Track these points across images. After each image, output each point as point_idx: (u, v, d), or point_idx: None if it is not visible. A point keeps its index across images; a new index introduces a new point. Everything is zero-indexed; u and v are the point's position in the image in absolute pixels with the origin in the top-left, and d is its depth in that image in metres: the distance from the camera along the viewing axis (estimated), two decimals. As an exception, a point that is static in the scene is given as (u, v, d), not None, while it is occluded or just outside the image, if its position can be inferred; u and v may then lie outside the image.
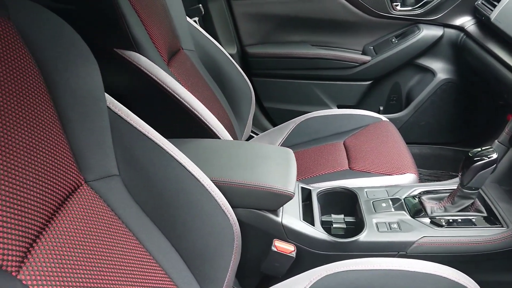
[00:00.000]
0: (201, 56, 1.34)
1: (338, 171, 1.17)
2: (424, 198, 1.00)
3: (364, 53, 1.80)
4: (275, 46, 1.81)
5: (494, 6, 1.41)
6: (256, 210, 0.88)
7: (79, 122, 0.61)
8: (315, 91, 1.84)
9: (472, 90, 1.71)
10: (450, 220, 0.93)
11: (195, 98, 1.04)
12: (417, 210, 0.97)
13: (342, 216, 1.00)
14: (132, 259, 0.60)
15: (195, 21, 1.59)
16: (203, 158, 0.90)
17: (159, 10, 1.15)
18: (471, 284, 0.72)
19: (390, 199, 1.00)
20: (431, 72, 1.73)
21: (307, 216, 0.95)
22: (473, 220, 0.94)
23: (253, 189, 0.85)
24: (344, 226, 0.98)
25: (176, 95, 1.01)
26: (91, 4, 0.96)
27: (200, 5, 1.69)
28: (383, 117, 1.43)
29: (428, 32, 1.68)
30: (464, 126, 1.77)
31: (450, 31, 1.68)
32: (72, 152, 0.59)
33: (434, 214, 0.95)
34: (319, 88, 1.83)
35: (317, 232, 0.91)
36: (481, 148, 0.89)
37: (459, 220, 0.93)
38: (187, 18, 1.35)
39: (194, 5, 1.69)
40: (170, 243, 0.69)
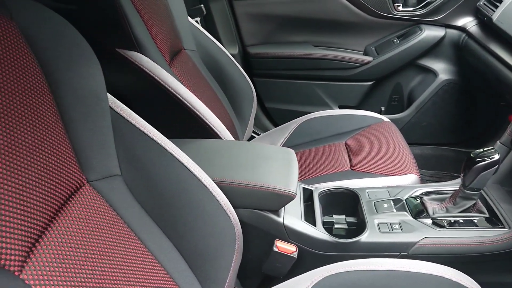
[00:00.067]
0: (202, 56, 1.34)
1: (339, 172, 1.17)
2: (425, 199, 1.00)
3: (366, 53, 1.80)
4: (277, 47, 1.81)
5: (496, 6, 1.41)
6: (257, 211, 0.88)
7: (81, 122, 0.61)
8: (317, 91, 1.83)
9: (474, 91, 1.70)
10: (452, 221, 0.93)
11: (196, 98, 1.04)
12: (418, 211, 0.97)
13: (344, 216, 1.00)
14: (134, 259, 0.60)
15: (197, 21, 1.59)
16: (205, 158, 0.90)
17: (161, 10, 1.15)
18: (473, 285, 0.72)
19: (392, 199, 1.00)
20: (432, 72, 1.73)
21: (308, 217, 0.95)
22: (475, 221, 0.93)
23: (254, 189, 0.85)
24: (346, 227, 0.97)
25: (178, 95, 1.01)
26: (93, 4, 0.96)
27: (202, 5, 1.69)
28: (384, 117, 1.43)
29: (430, 33, 1.68)
30: (465, 127, 1.77)
31: (452, 31, 1.67)
32: (74, 152, 0.59)
33: (436, 215, 0.95)
34: (320, 89, 1.83)
35: (318, 232, 0.91)
36: (483, 149, 0.89)
37: (461, 221, 0.93)
38: (189, 18, 1.35)
39: (196, 5, 1.69)
40: (171, 243, 0.69)
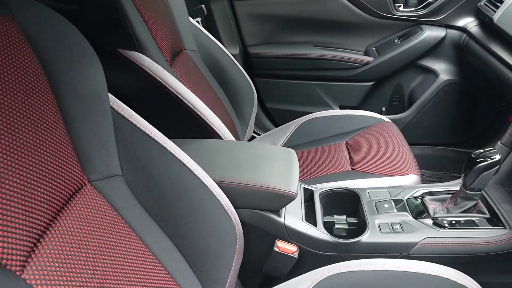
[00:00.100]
0: (203, 56, 1.34)
1: (340, 172, 1.17)
2: (426, 199, 1.00)
3: (367, 54, 1.80)
4: (278, 47, 1.81)
5: (497, 7, 1.41)
6: (258, 211, 0.88)
7: (82, 122, 0.61)
8: (317, 91, 1.83)
9: (474, 91, 1.70)
10: (453, 221, 0.93)
11: (197, 98, 1.04)
12: (419, 211, 0.97)
13: (345, 216, 1.00)
14: (135, 259, 0.60)
15: (198, 21, 1.59)
16: (206, 159, 0.90)
17: (162, 11, 1.15)
18: (474, 286, 0.72)
19: (393, 200, 1.00)
20: (433, 73, 1.72)
21: (309, 217, 0.95)
22: (475, 221, 0.93)
23: (255, 189, 0.85)
24: (347, 227, 0.97)
25: (179, 95, 1.01)
26: (94, 4, 0.96)
27: (202, 5, 1.69)
28: (385, 118, 1.42)
29: (431, 33, 1.68)
30: (466, 127, 1.77)
31: (452, 32, 1.67)
32: (75, 152, 0.59)
33: (437, 215, 0.95)
34: (321, 89, 1.83)
35: (319, 232, 0.91)
36: (483, 149, 0.89)
37: (461, 222, 0.93)
38: (190, 19, 1.35)
39: (196, 5, 1.70)
40: (172, 243, 0.69)
